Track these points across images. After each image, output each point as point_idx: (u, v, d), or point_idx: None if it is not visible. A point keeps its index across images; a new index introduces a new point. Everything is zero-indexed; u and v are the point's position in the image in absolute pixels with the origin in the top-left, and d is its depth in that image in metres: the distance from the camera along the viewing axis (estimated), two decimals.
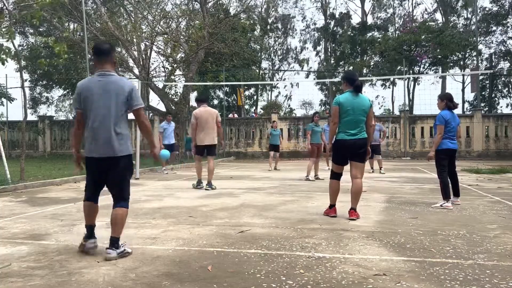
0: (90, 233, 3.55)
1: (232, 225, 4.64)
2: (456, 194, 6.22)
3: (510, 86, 32.94)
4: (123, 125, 3.51)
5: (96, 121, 3.42)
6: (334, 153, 5.25)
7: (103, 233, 4.27)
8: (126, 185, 3.55)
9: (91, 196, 3.58)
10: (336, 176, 5.23)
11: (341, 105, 4.99)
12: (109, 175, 3.49)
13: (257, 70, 31.40)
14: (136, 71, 17.70)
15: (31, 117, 26.22)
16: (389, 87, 32.98)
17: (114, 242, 3.38)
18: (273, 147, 13.69)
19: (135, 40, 16.83)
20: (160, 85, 18.49)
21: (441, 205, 5.88)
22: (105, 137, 3.41)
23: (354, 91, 5.03)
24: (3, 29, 8.35)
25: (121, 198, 3.50)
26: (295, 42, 72.25)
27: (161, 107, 19.49)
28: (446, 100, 6.12)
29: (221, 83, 21.55)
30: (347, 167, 5.24)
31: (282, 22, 38.48)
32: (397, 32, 33.07)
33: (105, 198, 3.95)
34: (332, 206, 5.24)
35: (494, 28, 31.25)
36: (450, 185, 6.05)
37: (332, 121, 5.19)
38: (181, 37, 17.75)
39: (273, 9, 37.28)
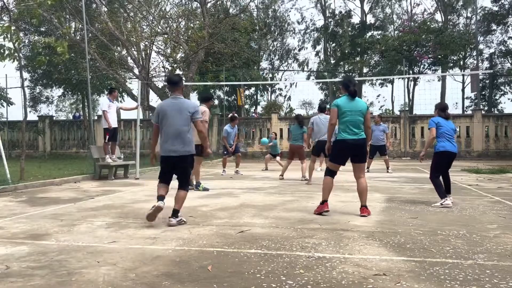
0: (160, 199, 4.66)
1: (232, 225, 4.64)
2: (448, 191, 6.25)
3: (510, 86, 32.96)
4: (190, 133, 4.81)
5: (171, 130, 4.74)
6: (334, 152, 5.38)
7: (103, 232, 4.28)
8: (188, 175, 4.94)
9: (164, 181, 4.84)
10: (331, 173, 5.44)
11: (339, 107, 5.32)
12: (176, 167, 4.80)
13: (257, 70, 31.37)
14: (136, 71, 17.70)
15: (31, 117, 26.20)
16: (386, 86, 32.99)
17: (175, 213, 4.63)
18: (273, 156, 13.96)
19: (135, 40, 16.81)
20: (160, 85, 18.49)
21: (441, 204, 5.96)
22: (176, 141, 4.71)
23: (350, 95, 5.37)
24: (11, 32, 8.15)
25: (184, 183, 4.80)
26: (295, 42, 72.25)
27: None
28: (437, 110, 6.41)
29: (221, 83, 21.54)
30: (344, 168, 5.30)
31: (280, 22, 38.41)
32: (397, 32, 33.09)
33: (104, 199, 3.93)
34: (324, 202, 5.36)
35: (495, 27, 31.26)
36: (442, 184, 6.18)
37: (330, 121, 5.47)
38: (181, 37, 17.73)
39: (271, 9, 37.24)
